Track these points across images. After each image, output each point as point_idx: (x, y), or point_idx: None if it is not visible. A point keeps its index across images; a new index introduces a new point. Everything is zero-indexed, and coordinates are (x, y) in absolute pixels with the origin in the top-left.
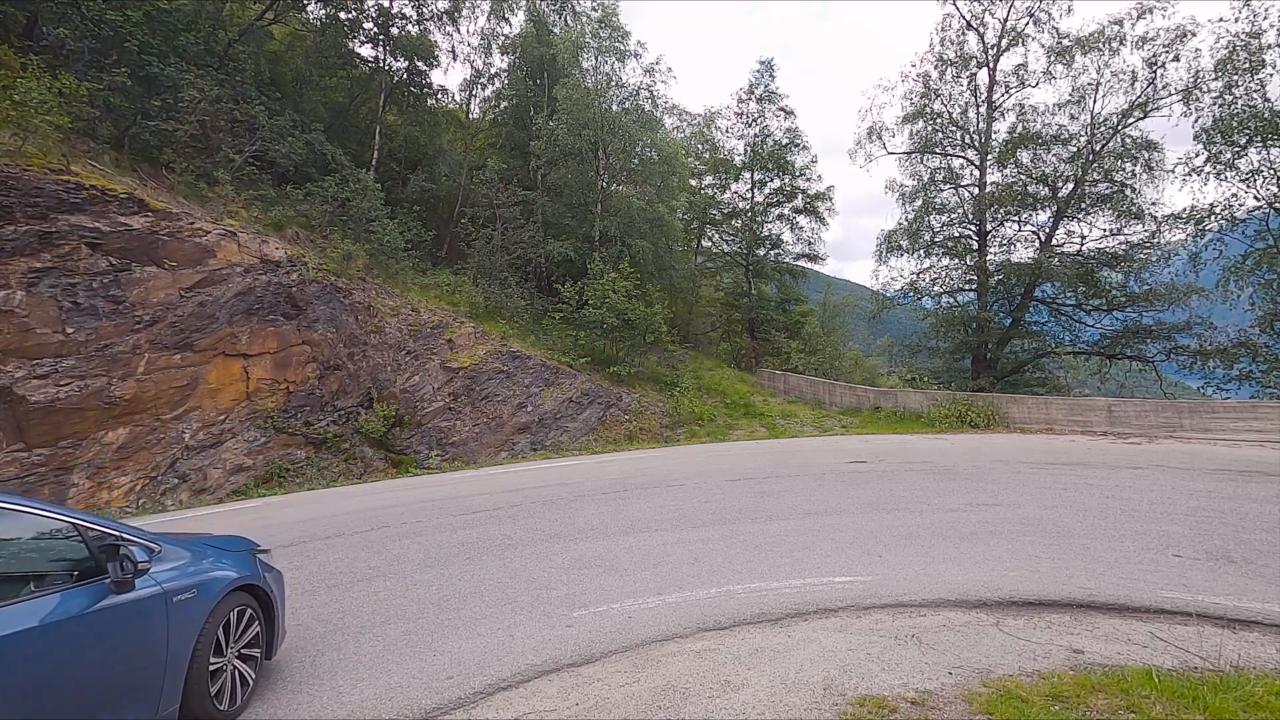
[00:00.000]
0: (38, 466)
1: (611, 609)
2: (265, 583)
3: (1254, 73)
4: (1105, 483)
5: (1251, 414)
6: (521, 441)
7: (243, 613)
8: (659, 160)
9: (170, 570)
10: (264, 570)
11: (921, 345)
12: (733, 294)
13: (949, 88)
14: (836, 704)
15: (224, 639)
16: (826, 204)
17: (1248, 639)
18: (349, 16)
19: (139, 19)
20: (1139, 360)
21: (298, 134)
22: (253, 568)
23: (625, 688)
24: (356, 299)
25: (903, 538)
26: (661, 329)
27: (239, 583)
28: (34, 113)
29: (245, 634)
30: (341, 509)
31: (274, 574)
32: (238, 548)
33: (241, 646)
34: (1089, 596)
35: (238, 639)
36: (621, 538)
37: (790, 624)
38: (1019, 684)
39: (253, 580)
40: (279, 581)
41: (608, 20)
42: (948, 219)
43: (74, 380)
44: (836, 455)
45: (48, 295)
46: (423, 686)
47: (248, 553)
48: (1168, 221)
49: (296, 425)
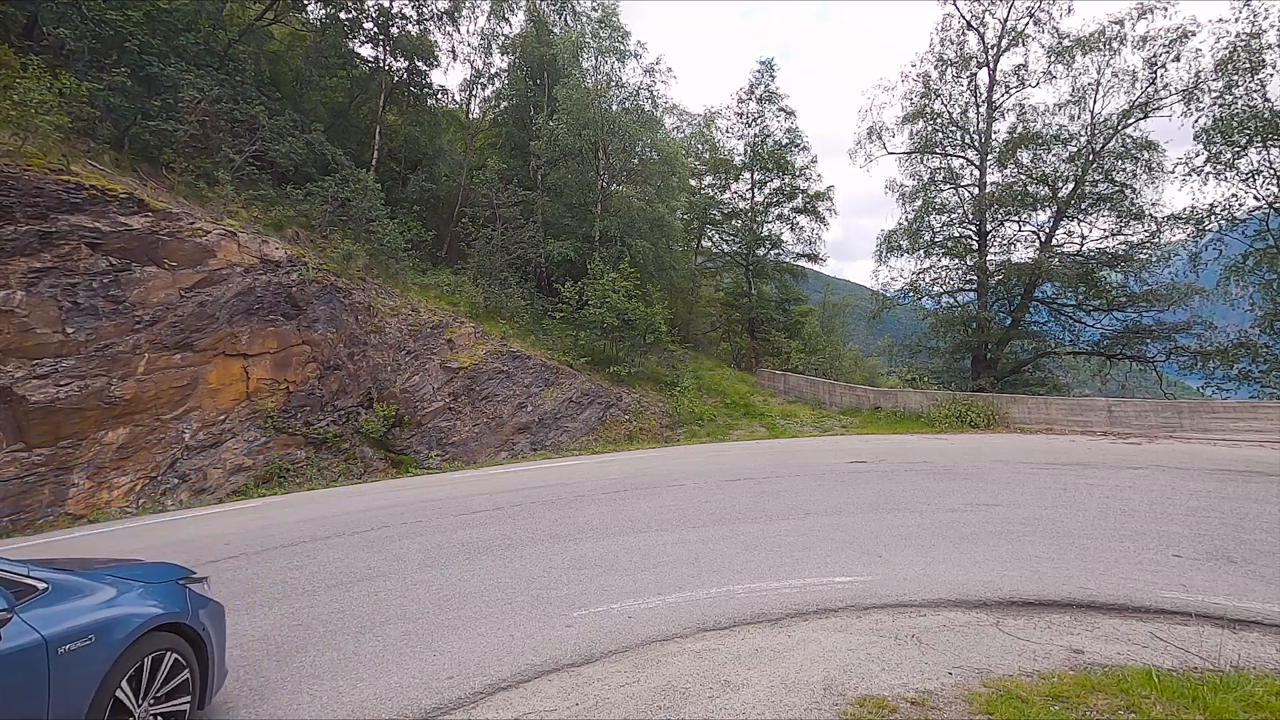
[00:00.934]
0: (38, 466)
1: (611, 609)
2: (196, 619)
3: (1254, 73)
4: (1105, 483)
5: (1251, 414)
6: (521, 441)
7: (162, 658)
8: (659, 160)
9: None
10: (196, 604)
11: (921, 345)
12: (733, 294)
13: (949, 88)
14: (836, 704)
15: (131, 693)
16: (826, 204)
17: (1248, 639)
18: (349, 16)
19: (139, 19)
20: (1139, 360)
21: (298, 134)
22: (180, 602)
23: (625, 688)
24: (356, 299)
25: (903, 538)
26: (661, 329)
27: (158, 621)
28: (34, 113)
29: (169, 683)
30: (341, 509)
31: (210, 607)
32: (162, 577)
33: (163, 699)
34: (1089, 596)
35: (156, 690)
36: (621, 538)
37: (790, 624)
38: (1019, 684)
39: (178, 618)
40: (217, 616)
41: (608, 20)
42: (948, 219)
43: (74, 380)
44: (836, 455)
45: (48, 295)
46: (423, 686)
47: (173, 583)
48: (1168, 222)
49: (296, 425)
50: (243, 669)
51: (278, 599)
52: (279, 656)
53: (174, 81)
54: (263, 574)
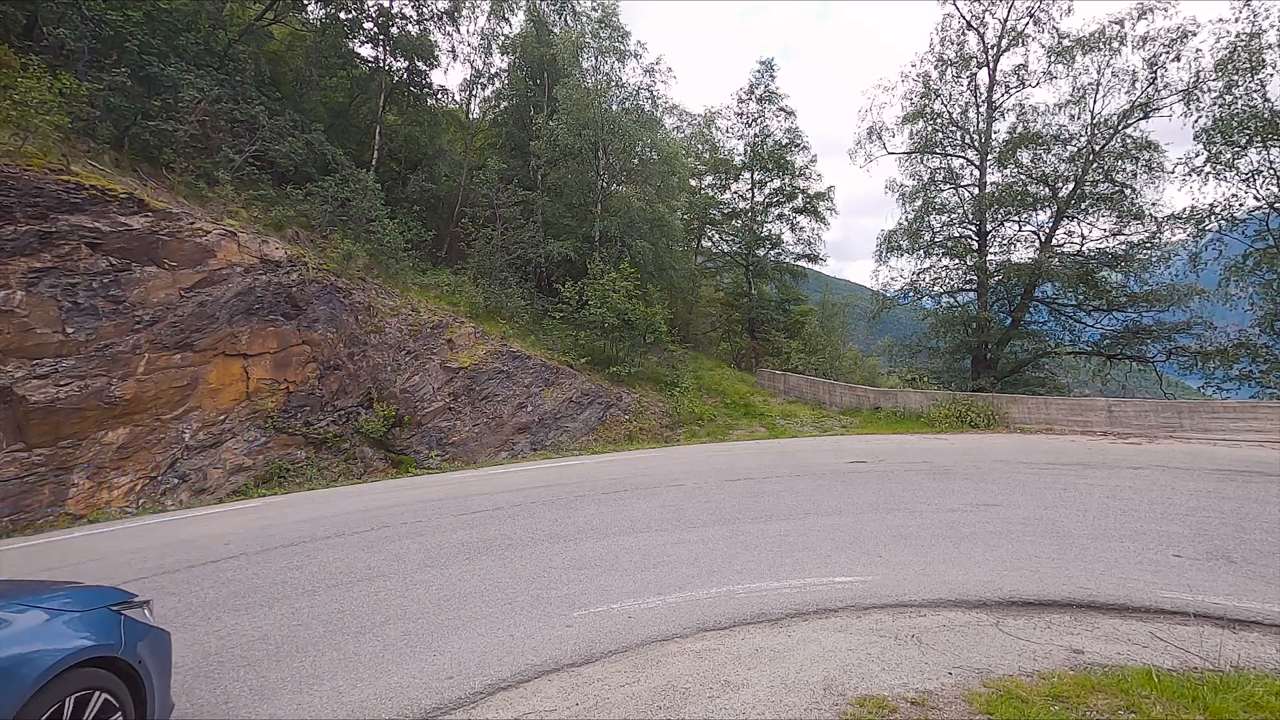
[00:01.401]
0: (38, 466)
1: (611, 609)
2: (132, 652)
3: (1254, 73)
4: (1105, 483)
5: (1251, 414)
6: (521, 441)
7: (89, 699)
8: (659, 160)
9: None
10: (133, 634)
11: (921, 345)
12: (733, 294)
13: (949, 88)
14: (836, 704)
15: None
16: (827, 204)
17: (1248, 639)
18: (349, 16)
19: (139, 19)
20: (1139, 360)
21: (298, 134)
22: (112, 632)
23: (625, 688)
24: (356, 299)
25: (903, 538)
26: (661, 329)
27: (83, 656)
28: (34, 113)
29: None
30: (341, 509)
31: (151, 637)
32: (92, 604)
33: None
34: (1089, 596)
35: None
36: (621, 538)
37: (790, 624)
38: (1019, 684)
39: (110, 651)
40: (159, 646)
41: (608, 20)
42: (948, 219)
43: (74, 380)
44: (836, 455)
45: (48, 295)
46: (423, 686)
47: (104, 610)
48: (1168, 222)
49: (296, 425)
50: (243, 669)
51: (278, 599)
52: (279, 656)
53: (174, 81)
54: (263, 574)
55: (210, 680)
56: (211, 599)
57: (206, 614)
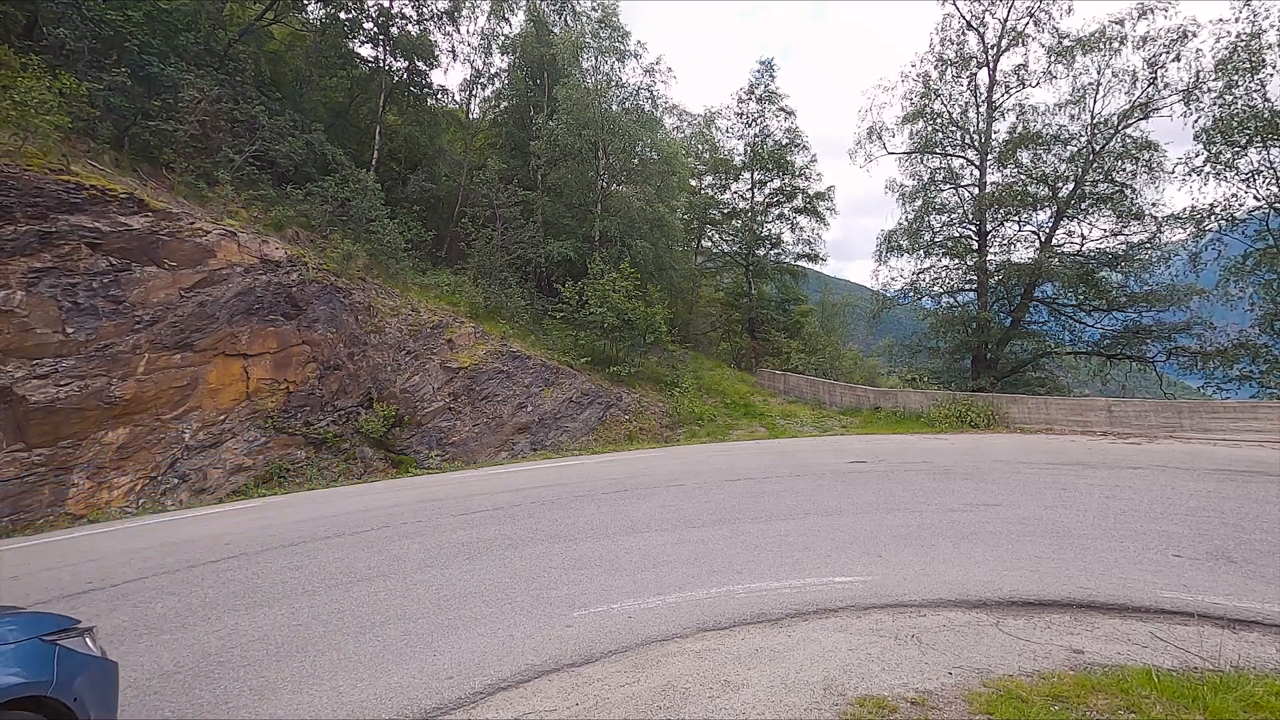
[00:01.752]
0: (38, 466)
1: (612, 609)
2: (66, 689)
3: (1254, 73)
4: (1105, 483)
5: (1251, 414)
6: (521, 441)
7: None
8: (659, 160)
9: None
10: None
11: (921, 345)
12: (733, 294)
13: (949, 88)
14: (836, 704)
15: None
16: (827, 204)
17: (1248, 639)
18: (349, 16)
19: (139, 19)
20: (1139, 360)
21: (298, 134)
22: (42, 668)
23: (625, 688)
24: (356, 299)
25: (903, 538)
26: (661, 329)
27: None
28: (34, 113)
29: None
30: (341, 509)
31: (94, 669)
32: (21, 634)
33: None
34: (1089, 596)
35: None
36: (621, 538)
37: (790, 624)
38: (1019, 684)
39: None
40: (101, 679)
41: (608, 20)
42: (948, 219)
43: (74, 380)
44: (836, 455)
45: (48, 295)
46: (423, 686)
47: (35, 641)
48: (1168, 222)
49: (296, 425)
50: (243, 669)
51: (278, 599)
52: (279, 656)
53: (174, 81)
54: (263, 574)
55: (210, 680)
56: (211, 599)
57: (206, 614)
